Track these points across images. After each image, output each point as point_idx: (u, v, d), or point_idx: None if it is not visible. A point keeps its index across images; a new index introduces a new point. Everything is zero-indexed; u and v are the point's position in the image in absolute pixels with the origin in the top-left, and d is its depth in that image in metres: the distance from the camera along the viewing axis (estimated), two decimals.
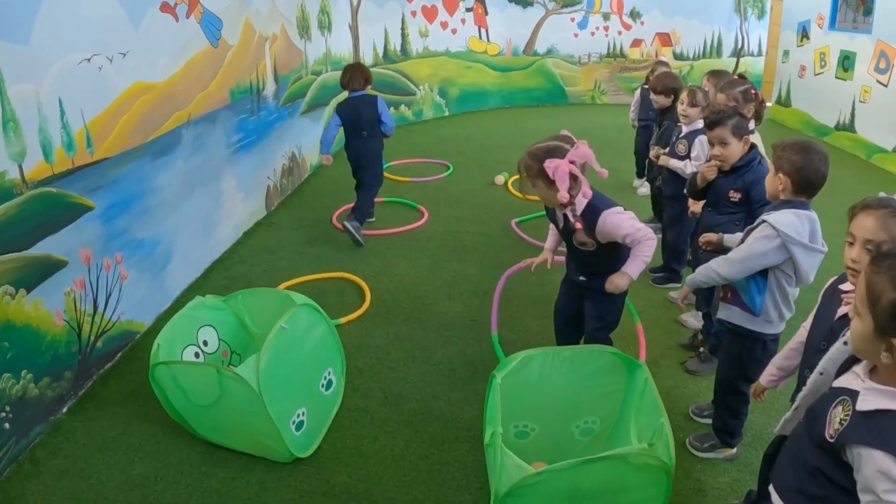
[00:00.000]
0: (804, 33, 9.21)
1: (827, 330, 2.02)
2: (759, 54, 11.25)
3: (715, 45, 11.23)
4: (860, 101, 7.89)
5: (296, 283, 4.45)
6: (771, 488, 1.77)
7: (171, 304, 4.20)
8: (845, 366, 1.69)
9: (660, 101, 5.03)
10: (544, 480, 2.06)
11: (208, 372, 2.62)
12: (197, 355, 3.00)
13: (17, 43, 2.83)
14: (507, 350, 3.66)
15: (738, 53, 11.20)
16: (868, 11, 7.86)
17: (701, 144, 4.17)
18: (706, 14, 11.05)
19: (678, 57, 10.96)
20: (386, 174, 6.85)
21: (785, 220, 2.46)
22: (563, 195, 2.67)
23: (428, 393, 3.37)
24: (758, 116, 3.83)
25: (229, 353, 3.18)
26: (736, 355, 2.78)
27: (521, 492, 2.06)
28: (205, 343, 3.05)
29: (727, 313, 2.73)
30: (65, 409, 3.21)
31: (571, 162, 2.68)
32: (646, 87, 6.26)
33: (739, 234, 3.95)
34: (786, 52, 9.80)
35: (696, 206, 3.76)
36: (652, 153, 4.76)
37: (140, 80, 3.73)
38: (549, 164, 2.65)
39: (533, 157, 2.74)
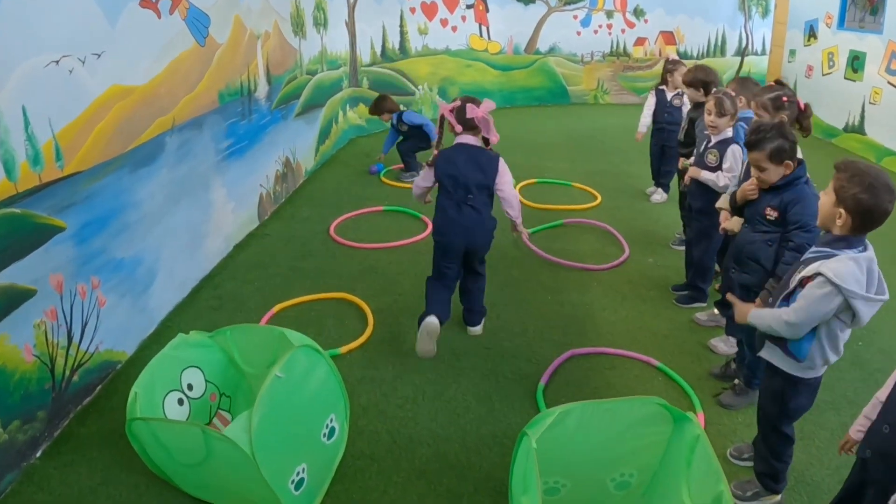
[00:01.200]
0: (811, 32, 9.06)
1: None
2: (763, 53, 11.07)
3: (718, 43, 11.02)
4: (870, 103, 7.75)
5: (291, 305, 4.08)
6: None
7: (155, 327, 3.85)
8: None
9: (692, 95, 4.71)
10: None
11: (193, 433, 2.25)
12: (181, 402, 2.64)
13: None
14: (527, 383, 3.38)
15: (742, 52, 11.00)
16: (874, 11, 7.74)
17: (733, 155, 3.84)
18: (710, 12, 10.84)
19: (682, 55, 10.69)
20: (384, 180, 6.55)
21: (845, 271, 2.18)
22: None
23: (441, 436, 3.01)
24: (802, 128, 3.48)
25: (218, 395, 2.82)
26: (778, 393, 2.53)
27: None
28: (189, 387, 2.69)
29: (770, 353, 2.50)
30: (38, 454, 2.88)
31: None
32: (661, 87, 5.93)
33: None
34: (792, 52, 9.66)
35: (728, 223, 3.42)
36: (680, 164, 4.39)
37: (117, 83, 3.35)
38: None
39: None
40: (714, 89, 4.34)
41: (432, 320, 3.38)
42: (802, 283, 2.30)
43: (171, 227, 3.99)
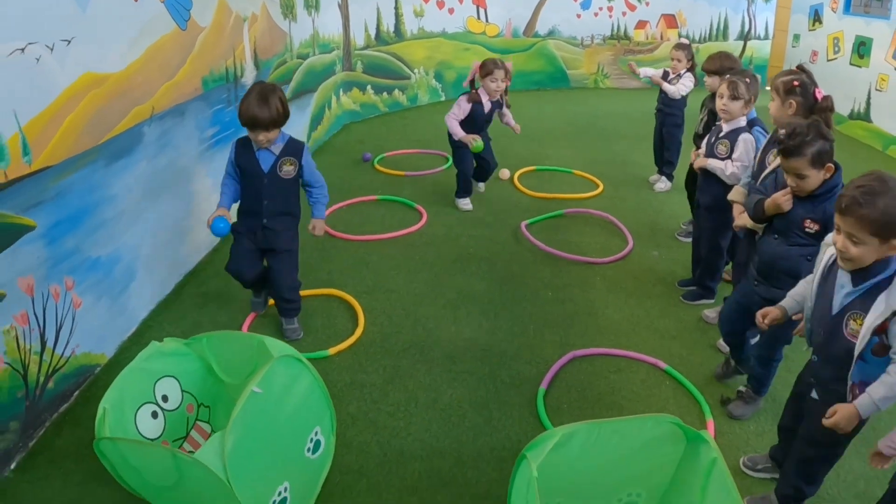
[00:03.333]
0: (816, 17, 8.91)
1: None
2: (767, 38, 10.86)
3: (721, 27, 10.79)
4: (876, 90, 7.63)
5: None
6: None
7: (136, 327, 3.67)
8: None
9: (712, 84, 4.51)
10: None
11: (162, 455, 2.07)
12: (155, 414, 2.46)
13: None
14: (527, 389, 3.20)
15: (744, 37, 10.80)
16: None
17: (744, 144, 3.62)
18: None
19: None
20: (379, 167, 6.33)
21: None
22: None
23: (434, 448, 2.83)
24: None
25: (195, 406, 2.63)
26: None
27: None
28: (164, 398, 2.50)
29: (865, 411, 2.12)
30: (13, 466, 2.73)
31: None
32: (667, 70, 5.73)
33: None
34: (796, 37, 9.52)
35: (741, 219, 3.22)
36: (693, 156, 4.14)
37: (89, 70, 3.13)
38: None
39: None
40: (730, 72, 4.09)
41: None
42: (877, 331, 2.02)
43: (150, 222, 3.79)
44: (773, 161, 3.09)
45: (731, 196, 3.41)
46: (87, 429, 2.86)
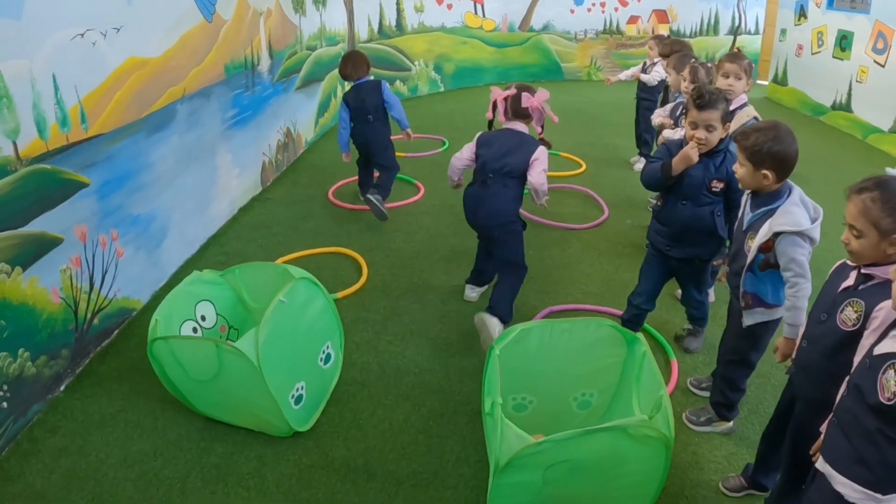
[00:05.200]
0: (802, 12, 9.16)
1: (829, 302, 2.06)
2: (756, 32, 11.17)
3: (712, 22, 11.13)
4: (857, 81, 7.87)
5: (292, 259, 4.44)
6: (821, 464, 1.83)
7: (167, 280, 4.19)
8: (882, 335, 1.74)
9: (665, 65, 5.20)
10: (545, 450, 2.08)
11: (207, 346, 2.62)
12: (195, 330, 3.01)
13: (9, 18, 2.80)
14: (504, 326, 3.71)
15: (734, 31, 11.13)
16: None
17: None
18: None
19: (674, 34, 10.83)
20: None
21: (795, 219, 2.44)
22: None
23: (426, 367, 3.39)
24: None
25: (227, 328, 3.18)
26: (755, 334, 2.73)
27: (521, 462, 2.07)
28: (202, 318, 3.05)
29: (752, 318, 2.68)
30: (62, 388, 3.20)
31: None
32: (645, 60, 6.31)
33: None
34: (783, 31, 9.75)
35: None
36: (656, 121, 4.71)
37: (134, 54, 3.69)
38: None
39: None
40: (692, 59, 4.63)
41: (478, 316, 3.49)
42: (762, 248, 2.52)
43: (181, 188, 4.33)
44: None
45: (646, 179, 3.27)
46: (128, 359, 3.44)
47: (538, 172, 3.45)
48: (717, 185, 3.04)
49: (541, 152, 3.46)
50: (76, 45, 3.21)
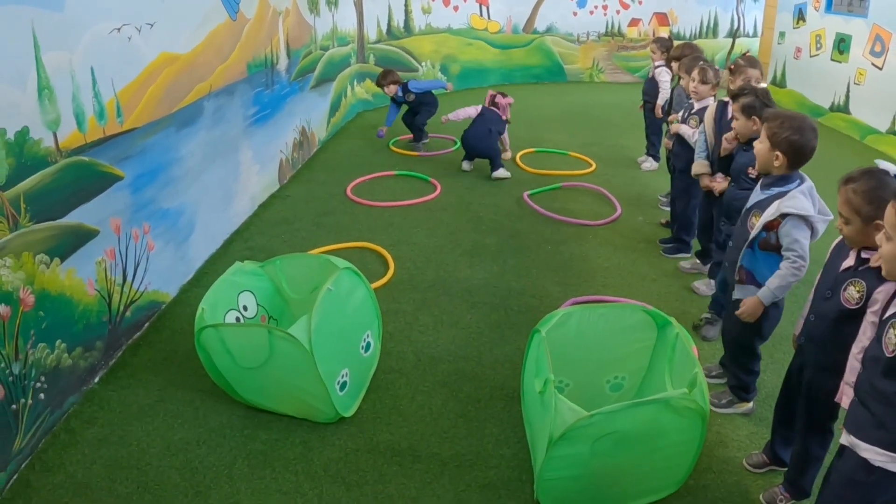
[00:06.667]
0: (800, 15, 9.27)
1: (832, 280, 2.24)
2: (755, 35, 11.28)
3: (711, 25, 11.27)
4: (855, 84, 8.00)
5: (318, 253, 4.49)
6: (845, 437, 1.94)
7: (193, 274, 4.23)
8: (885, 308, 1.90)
9: (676, 68, 5.20)
10: (595, 423, 2.18)
11: (259, 333, 2.68)
12: (238, 320, 3.06)
13: (52, 10, 2.83)
14: (532, 315, 3.78)
15: (733, 34, 11.26)
16: None
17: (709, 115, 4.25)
18: None
19: (675, 37, 10.96)
20: (394, 148, 6.94)
21: (802, 204, 2.63)
22: None
23: (459, 355, 3.46)
24: None
25: (267, 318, 3.24)
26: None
27: (574, 434, 2.17)
28: (245, 308, 3.11)
29: (744, 293, 2.84)
30: (97, 379, 3.22)
31: None
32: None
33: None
34: (782, 34, 9.85)
35: (714, 183, 3.82)
36: (670, 120, 4.84)
37: (166, 50, 3.74)
38: None
39: None
40: (701, 62, 4.73)
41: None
42: (767, 227, 2.69)
43: (207, 183, 4.38)
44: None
45: (694, 170, 4.00)
46: (160, 351, 3.48)
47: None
48: (753, 172, 3.24)
49: (502, 124, 6.41)
50: (113, 38, 3.26)
